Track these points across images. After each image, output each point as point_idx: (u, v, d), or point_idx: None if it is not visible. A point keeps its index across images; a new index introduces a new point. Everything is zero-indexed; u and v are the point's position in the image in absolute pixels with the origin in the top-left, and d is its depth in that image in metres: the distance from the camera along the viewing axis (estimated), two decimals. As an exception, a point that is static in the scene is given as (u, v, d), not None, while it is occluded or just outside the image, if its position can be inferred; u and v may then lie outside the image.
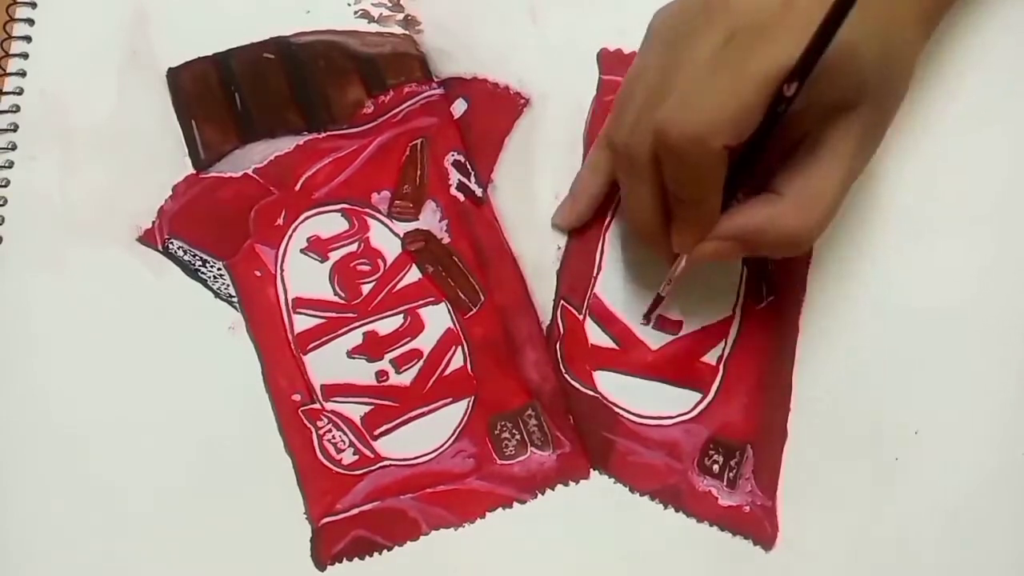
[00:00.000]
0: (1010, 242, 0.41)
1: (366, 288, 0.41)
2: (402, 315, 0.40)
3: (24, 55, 0.43)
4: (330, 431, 0.39)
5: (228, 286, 0.40)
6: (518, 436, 0.39)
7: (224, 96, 0.42)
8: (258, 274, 0.41)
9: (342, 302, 0.40)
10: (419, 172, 0.42)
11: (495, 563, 0.38)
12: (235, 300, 0.40)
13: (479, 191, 0.42)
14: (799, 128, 0.34)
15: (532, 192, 0.42)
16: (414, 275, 0.41)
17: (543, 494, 0.39)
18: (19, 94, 0.42)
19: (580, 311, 0.41)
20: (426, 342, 0.40)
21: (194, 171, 0.41)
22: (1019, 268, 0.40)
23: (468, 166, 0.42)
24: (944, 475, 0.39)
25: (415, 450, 0.39)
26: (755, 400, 0.39)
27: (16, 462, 0.39)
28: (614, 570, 0.38)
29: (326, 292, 0.41)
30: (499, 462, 0.39)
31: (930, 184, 0.41)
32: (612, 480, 0.39)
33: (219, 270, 0.41)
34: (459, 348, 0.40)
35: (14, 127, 0.42)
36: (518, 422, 0.39)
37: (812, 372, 0.39)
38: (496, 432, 0.39)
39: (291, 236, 0.41)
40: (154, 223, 0.41)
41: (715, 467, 0.39)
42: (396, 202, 0.41)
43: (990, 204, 0.41)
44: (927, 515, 0.38)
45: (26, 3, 0.44)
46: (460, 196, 0.41)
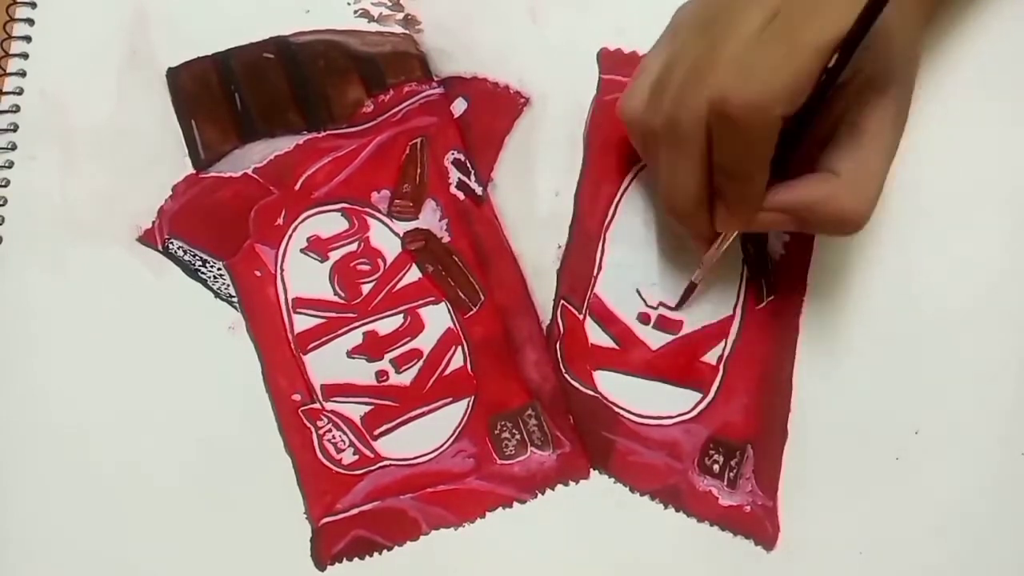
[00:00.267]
0: (1010, 242, 0.41)
1: (366, 288, 0.41)
2: (402, 315, 0.40)
3: (24, 55, 0.43)
4: (330, 431, 0.39)
5: (228, 286, 0.40)
6: (518, 436, 0.39)
7: (224, 96, 0.42)
8: (258, 274, 0.41)
9: (342, 302, 0.40)
10: (419, 171, 0.42)
11: (495, 563, 0.38)
12: (235, 300, 0.40)
13: (479, 190, 0.41)
14: (836, 108, 0.34)
15: (532, 191, 0.42)
16: (414, 275, 0.41)
17: (543, 494, 0.39)
18: (19, 94, 0.42)
19: (580, 311, 0.40)
20: (426, 342, 0.40)
21: (194, 171, 0.41)
22: (1018, 269, 0.40)
23: (468, 165, 0.42)
24: (944, 475, 0.39)
25: (415, 450, 0.39)
26: (755, 400, 0.39)
27: (16, 462, 0.39)
28: (614, 570, 0.38)
29: (326, 292, 0.41)
30: (499, 462, 0.39)
31: (931, 184, 0.41)
32: (612, 480, 0.39)
33: (219, 270, 0.41)
34: (459, 348, 0.40)
35: (14, 127, 0.42)
36: (518, 422, 0.39)
37: (812, 372, 0.39)
38: (496, 432, 0.39)
39: (291, 236, 0.41)
40: (154, 223, 0.41)
41: (715, 467, 0.39)
42: (396, 201, 0.41)
43: (991, 205, 0.41)
44: (927, 515, 0.38)
45: (26, 3, 0.44)
46: (460, 195, 0.41)
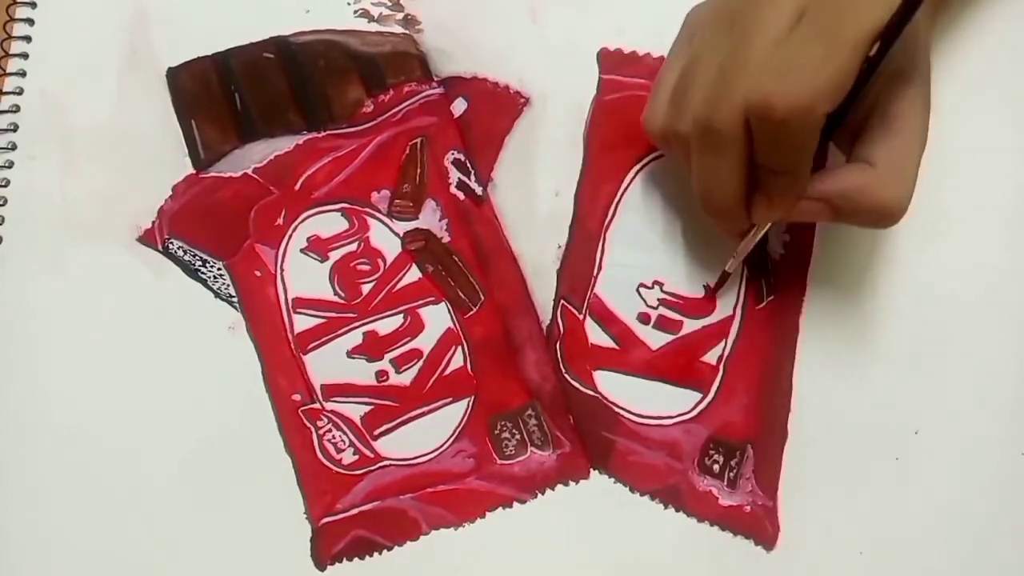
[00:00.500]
0: (1010, 242, 0.41)
1: (366, 288, 0.41)
2: (402, 315, 0.40)
3: (24, 55, 0.43)
4: (330, 431, 0.39)
5: (228, 286, 0.40)
6: (518, 436, 0.39)
7: (224, 96, 0.42)
8: (258, 274, 0.41)
9: (342, 302, 0.40)
10: (419, 171, 0.42)
11: (495, 563, 0.38)
12: (235, 300, 0.40)
13: (479, 190, 0.41)
14: (866, 98, 0.34)
15: (532, 191, 0.42)
16: (414, 275, 0.41)
17: (543, 494, 0.39)
18: (19, 94, 0.42)
19: (580, 311, 0.40)
20: (426, 342, 0.40)
21: (194, 171, 0.41)
22: (1019, 269, 0.40)
23: (468, 165, 0.42)
24: (944, 475, 0.39)
25: (415, 450, 0.39)
26: (755, 400, 0.39)
27: (16, 462, 0.39)
28: (614, 570, 0.38)
29: (326, 292, 0.41)
30: (499, 462, 0.39)
31: (931, 184, 0.41)
32: (612, 480, 0.39)
33: (219, 270, 0.41)
34: (459, 348, 0.40)
35: (14, 127, 0.42)
36: (518, 422, 0.39)
37: (812, 372, 0.39)
38: (496, 432, 0.39)
39: (291, 236, 0.41)
40: (154, 223, 0.41)
41: (715, 467, 0.39)
42: (396, 201, 0.41)
43: (991, 205, 0.41)
44: (927, 515, 0.38)
45: (26, 3, 0.44)
46: (460, 195, 0.41)
